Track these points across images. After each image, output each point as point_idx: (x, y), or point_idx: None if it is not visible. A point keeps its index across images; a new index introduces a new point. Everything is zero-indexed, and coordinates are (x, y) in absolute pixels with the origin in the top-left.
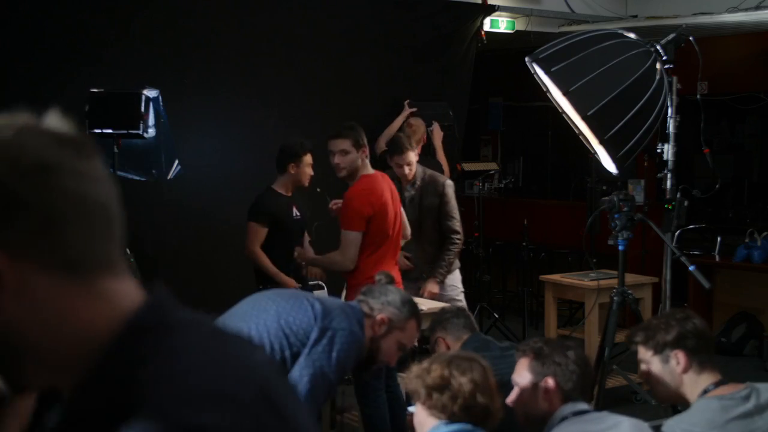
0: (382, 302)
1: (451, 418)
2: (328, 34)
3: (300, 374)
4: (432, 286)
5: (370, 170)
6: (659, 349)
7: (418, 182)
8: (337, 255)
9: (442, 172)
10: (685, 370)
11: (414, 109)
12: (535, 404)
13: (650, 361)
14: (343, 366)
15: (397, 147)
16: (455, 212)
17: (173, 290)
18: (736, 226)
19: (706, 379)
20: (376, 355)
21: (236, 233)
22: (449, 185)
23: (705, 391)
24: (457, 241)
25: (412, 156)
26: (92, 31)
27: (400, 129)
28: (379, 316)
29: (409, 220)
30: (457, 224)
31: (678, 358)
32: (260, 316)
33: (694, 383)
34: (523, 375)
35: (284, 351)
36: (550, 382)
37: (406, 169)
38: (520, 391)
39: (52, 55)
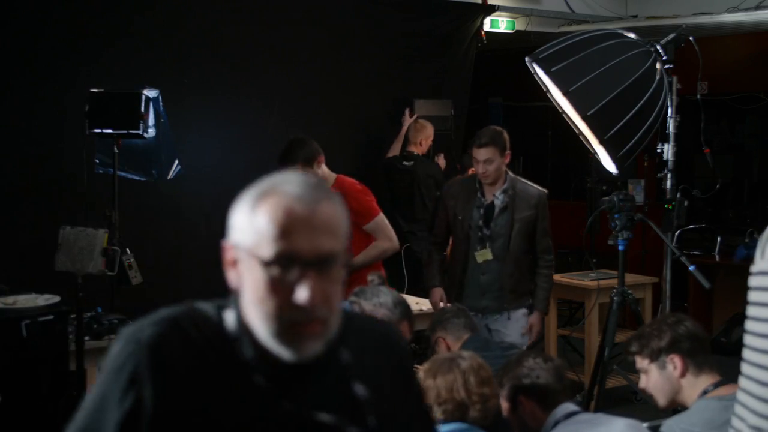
0: (374, 304)
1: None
2: (328, 34)
3: None
4: (537, 321)
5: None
6: (655, 356)
7: (509, 190)
8: (381, 242)
9: (441, 174)
10: (683, 374)
11: (414, 116)
12: (525, 422)
13: (648, 369)
14: None
15: (476, 138)
16: (549, 229)
17: (173, 290)
18: (736, 226)
19: (705, 380)
20: None
21: None
22: (545, 195)
23: (704, 392)
24: (552, 263)
25: (492, 152)
26: (92, 31)
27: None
28: None
29: (494, 237)
30: (550, 242)
31: (674, 363)
32: None
33: (692, 386)
34: (503, 406)
35: None
36: (521, 398)
37: (481, 167)
38: (510, 419)
39: (52, 55)
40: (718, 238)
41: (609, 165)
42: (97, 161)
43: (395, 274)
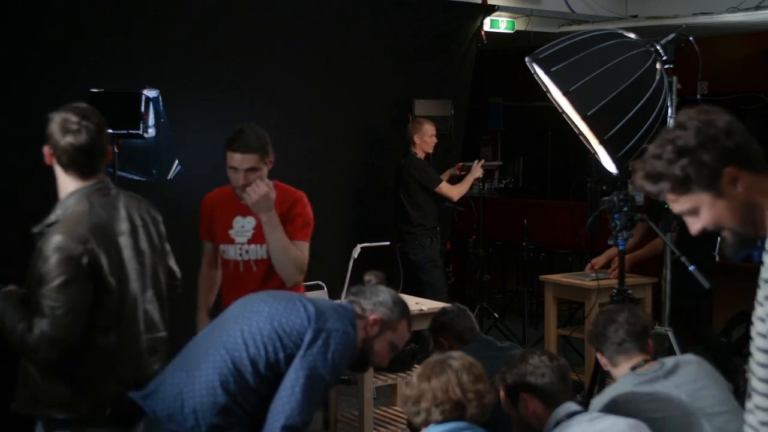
0: (374, 303)
1: (430, 422)
2: (329, 34)
3: (296, 376)
4: None
5: None
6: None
7: None
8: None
9: (424, 175)
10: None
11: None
12: (526, 420)
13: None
14: (338, 367)
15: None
16: None
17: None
18: None
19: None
20: (368, 357)
21: None
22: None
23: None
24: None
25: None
26: (92, 31)
27: (406, 126)
28: (371, 317)
29: None
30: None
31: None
32: (252, 318)
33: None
34: (505, 402)
35: (278, 353)
36: (524, 395)
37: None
38: (510, 416)
39: (52, 55)
40: (718, 238)
41: (609, 165)
42: None
43: (391, 275)
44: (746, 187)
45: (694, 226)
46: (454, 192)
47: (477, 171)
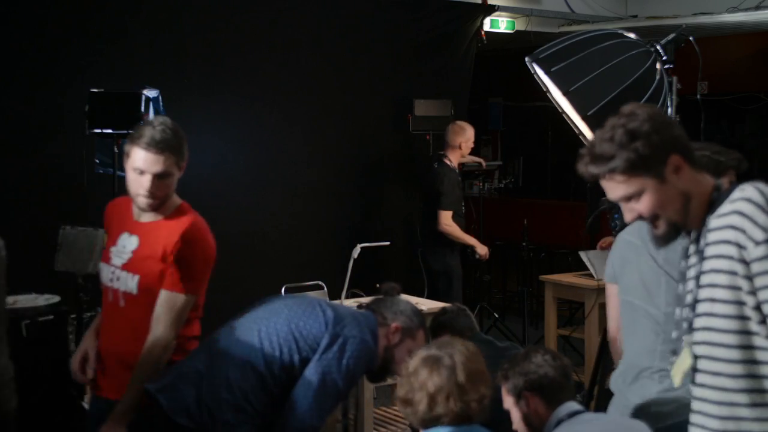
0: (395, 311)
1: (428, 424)
2: (329, 33)
3: (310, 380)
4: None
5: None
6: None
7: None
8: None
9: (443, 186)
10: None
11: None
12: (526, 416)
13: None
14: (352, 374)
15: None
16: None
17: None
18: None
19: None
20: (389, 365)
21: (236, 233)
22: None
23: None
24: None
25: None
26: (92, 31)
27: (446, 127)
28: (393, 325)
29: None
30: None
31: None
32: (271, 320)
33: None
34: (506, 400)
35: (293, 356)
36: (526, 393)
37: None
38: (512, 415)
39: (52, 55)
40: None
41: None
42: (97, 161)
43: (390, 276)
44: (686, 177)
45: (631, 213)
46: (447, 227)
47: (482, 250)
